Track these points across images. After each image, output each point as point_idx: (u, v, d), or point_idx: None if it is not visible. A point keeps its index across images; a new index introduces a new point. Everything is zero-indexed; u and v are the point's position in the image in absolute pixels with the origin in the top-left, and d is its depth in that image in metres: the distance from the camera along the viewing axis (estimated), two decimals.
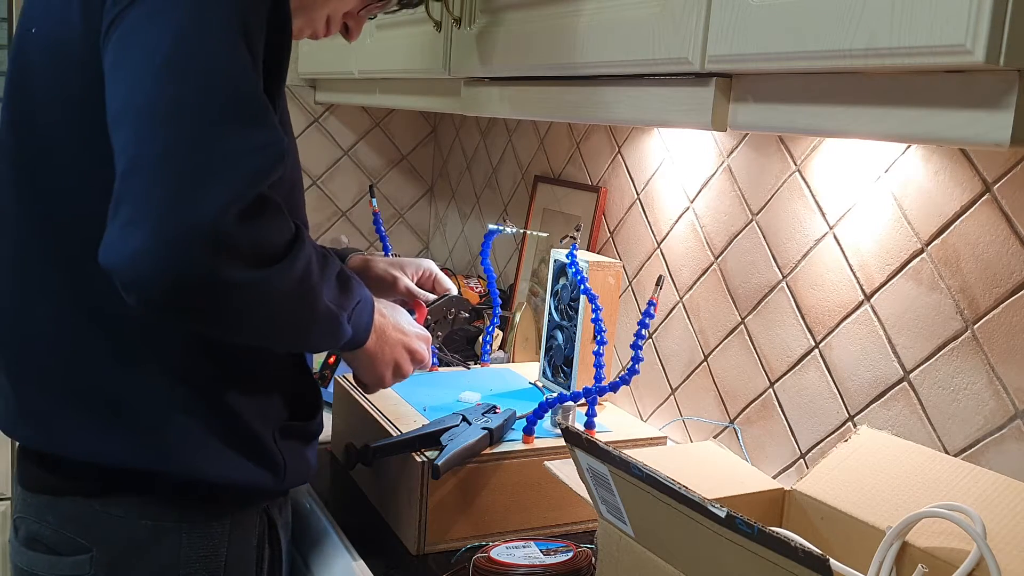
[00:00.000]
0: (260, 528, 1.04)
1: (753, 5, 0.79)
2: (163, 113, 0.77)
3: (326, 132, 2.34)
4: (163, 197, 0.75)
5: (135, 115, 0.78)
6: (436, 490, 1.11)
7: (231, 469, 0.97)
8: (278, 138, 0.82)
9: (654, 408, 1.51)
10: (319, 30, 1.09)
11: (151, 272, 0.75)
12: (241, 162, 0.78)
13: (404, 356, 1.08)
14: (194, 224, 0.74)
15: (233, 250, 0.77)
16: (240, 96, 0.80)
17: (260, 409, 0.99)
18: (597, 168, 1.68)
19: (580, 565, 1.04)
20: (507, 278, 2.02)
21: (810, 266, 1.21)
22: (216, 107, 0.78)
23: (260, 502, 1.03)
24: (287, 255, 0.82)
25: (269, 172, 0.80)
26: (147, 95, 0.78)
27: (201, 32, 0.79)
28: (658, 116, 0.96)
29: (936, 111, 0.68)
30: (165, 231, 0.75)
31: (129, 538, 0.96)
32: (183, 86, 0.78)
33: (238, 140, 0.78)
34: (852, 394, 1.16)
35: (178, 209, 0.75)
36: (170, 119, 0.77)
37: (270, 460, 1.00)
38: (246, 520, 1.02)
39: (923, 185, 1.06)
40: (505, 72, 1.23)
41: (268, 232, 0.80)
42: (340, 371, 1.59)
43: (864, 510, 0.91)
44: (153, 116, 0.77)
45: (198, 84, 0.78)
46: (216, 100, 0.79)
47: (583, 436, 0.82)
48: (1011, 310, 0.96)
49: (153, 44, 0.79)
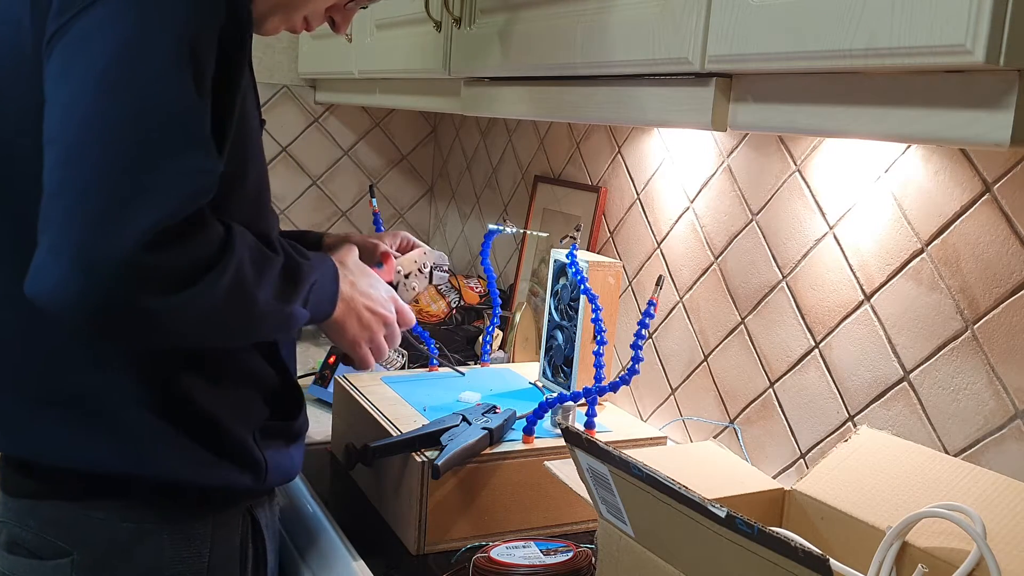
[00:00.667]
0: (244, 528, 1.03)
1: (753, 5, 0.79)
2: (95, 133, 0.76)
3: (326, 132, 2.34)
4: (83, 227, 0.75)
5: (68, 133, 0.77)
6: (436, 490, 1.11)
7: (210, 472, 0.97)
8: (211, 165, 0.80)
9: (654, 408, 1.51)
10: (296, 26, 1.07)
11: (72, 303, 0.75)
12: (167, 189, 0.77)
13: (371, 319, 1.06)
14: (110, 256, 0.74)
15: (150, 280, 0.76)
16: (176, 118, 0.79)
17: (239, 411, 0.99)
18: (597, 168, 1.68)
19: (580, 565, 1.04)
20: (507, 278, 2.02)
21: (810, 266, 1.21)
22: (149, 129, 0.77)
23: (243, 502, 1.03)
24: (210, 271, 0.80)
25: (196, 198, 0.78)
26: (82, 113, 0.77)
27: (143, 48, 0.78)
28: (658, 116, 0.96)
29: (936, 111, 0.68)
30: (83, 262, 0.74)
31: (110, 540, 0.96)
32: (118, 105, 0.77)
33: (168, 165, 0.77)
34: (852, 394, 1.16)
35: (96, 240, 0.74)
36: (100, 141, 0.76)
37: (251, 461, 0.99)
38: (229, 520, 1.02)
39: (923, 185, 1.06)
40: (505, 72, 1.23)
41: (189, 254, 0.78)
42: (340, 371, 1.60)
43: (864, 510, 0.91)
44: (84, 137, 0.76)
45: (133, 104, 0.77)
46: (150, 122, 0.77)
47: (583, 436, 0.82)
48: (1011, 310, 0.96)
49: (93, 59, 0.77)
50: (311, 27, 1.08)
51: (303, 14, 1.05)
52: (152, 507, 0.97)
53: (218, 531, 1.00)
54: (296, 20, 1.05)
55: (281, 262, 0.90)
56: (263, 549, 1.06)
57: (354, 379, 1.40)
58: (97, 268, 0.74)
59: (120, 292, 0.75)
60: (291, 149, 2.31)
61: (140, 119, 0.77)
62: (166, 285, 0.77)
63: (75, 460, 0.93)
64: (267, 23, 1.03)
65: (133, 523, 0.96)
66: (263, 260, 0.87)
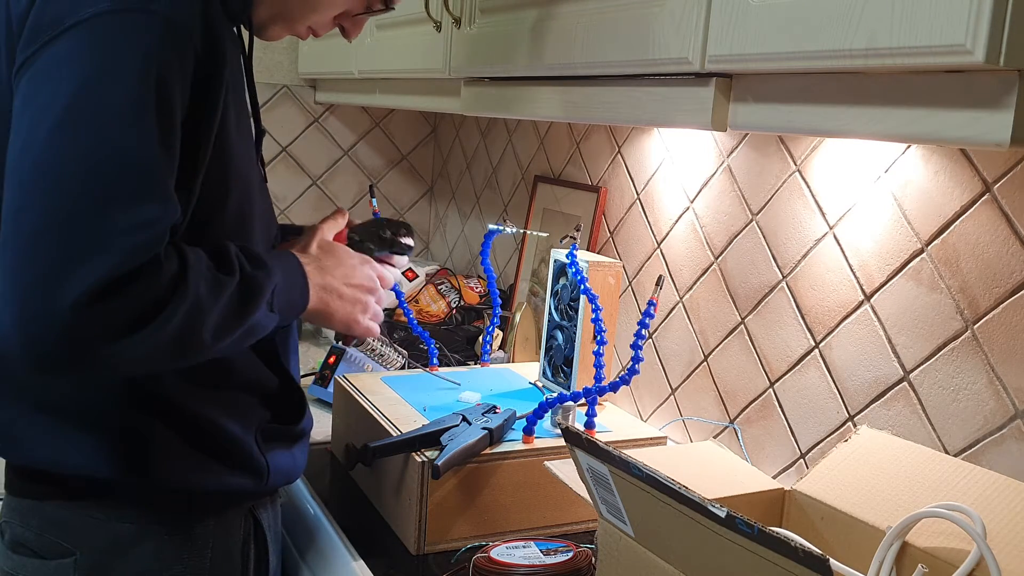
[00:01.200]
0: (245, 528, 1.03)
1: (753, 5, 0.79)
2: (46, 181, 0.76)
3: (326, 132, 2.34)
4: (25, 283, 0.75)
5: (23, 174, 0.77)
6: (436, 490, 1.11)
7: (210, 476, 0.97)
8: (164, 215, 0.80)
9: (654, 408, 1.51)
10: (301, 34, 1.06)
11: (17, 353, 0.77)
12: (113, 243, 0.76)
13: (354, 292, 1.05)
14: (50, 314, 0.74)
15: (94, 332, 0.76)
16: (130, 168, 0.78)
17: (239, 415, 0.98)
18: (597, 168, 1.68)
19: (580, 565, 1.04)
20: (507, 278, 2.02)
21: (810, 266, 1.21)
22: (101, 180, 0.77)
23: (244, 503, 1.03)
24: (160, 313, 0.79)
25: (144, 251, 0.78)
26: (35, 156, 0.76)
27: (104, 88, 0.77)
28: (658, 116, 0.96)
29: (936, 111, 0.68)
30: (25, 318, 0.75)
31: (112, 541, 0.96)
32: (71, 151, 0.76)
33: (117, 217, 0.77)
34: (852, 394, 1.16)
35: (37, 300, 0.74)
36: (53, 188, 0.76)
37: (252, 464, 0.99)
38: (230, 521, 1.02)
39: (923, 185, 1.06)
40: (505, 72, 1.23)
41: (136, 302, 0.78)
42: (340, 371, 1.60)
43: (864, 510, 0.91)
44: (36, 183, 0.76)
45: (87, 151, 0.76)
46: (103, 171, 0.77)
47: (583, 436, 0.82)
48: (1011, 310, 0.96)
49: (53, 98, 0.77)
50: (318, 34, 1.07)
51: (306, 24, 1.04)
52: (153, 508, 0.97)
53: (219, 531, 1.01)
54: (299, 29, 1.04)
55: (236, 282, 0.88)
56: (265, 549, 1.06)
57: (354, 379, 1.40)
58: (38, 324, 0.75)
59: (63, 346, 0.76)
60: (291, 149, 2.31)
61: (93, 168, 0.76)
62: (112, 333, 0.77)
63: (74, 467, 0.94)
64: (269, 30, 1.03)
65: (134, 523, 0.96)
66: (217, 286, 0.86)
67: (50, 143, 0.76)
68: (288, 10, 1.01)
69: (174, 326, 0.80)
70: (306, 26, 1.04)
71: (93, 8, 0.78)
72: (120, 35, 0.78)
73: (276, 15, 1.01)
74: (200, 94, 0.85)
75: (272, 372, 1.04)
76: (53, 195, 0.76)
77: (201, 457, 0.96)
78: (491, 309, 1.53)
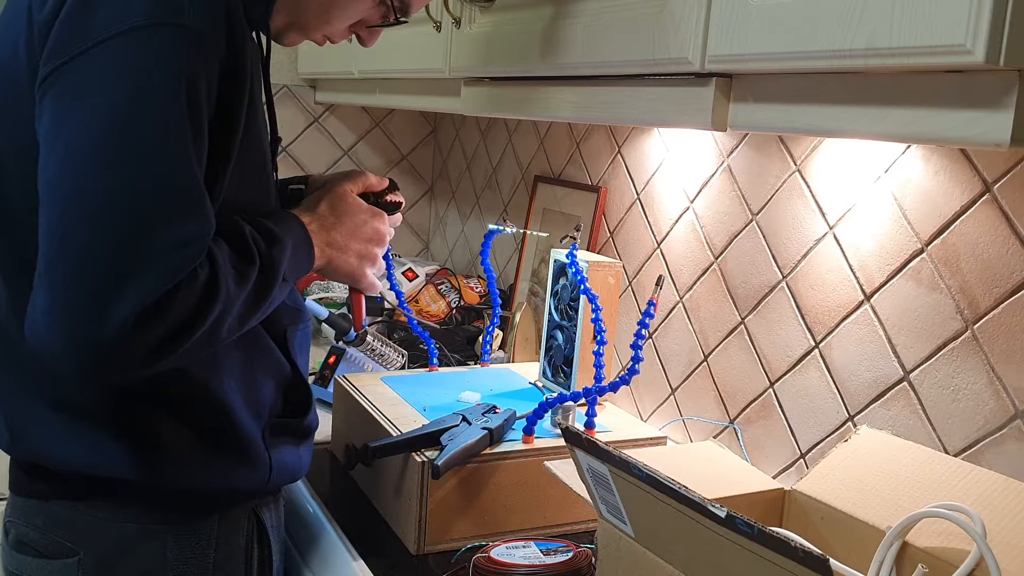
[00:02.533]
0: (249, 528, 1.04)
1: (753, 5, 0.79)
2: (91, 204, 0.77)
3: (326, 132, 2.34)
4: (77, 304, 0.77)
5: (65, 197, 0.78)
6: (436, 490, 1.11)
7: (217, 474, 0.97)
8: (202, 232, 0.82)
9: (654, 408, 1.51)
10: (318, 41, 1.06)
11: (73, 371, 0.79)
12: (156, 266, 0.78)
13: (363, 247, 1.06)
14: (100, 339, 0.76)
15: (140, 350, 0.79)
16: (171, 188, 0.79)
17: (248, 410, 0.99)
18: (597, 168, 1.68)
19: (580, 565, 1.04)
20: (507, 278, 2.02)
21: (810, 266, 1.21)
22: (144, 202, 0.78)
23: (248, 502, 1.03)
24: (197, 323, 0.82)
25: (184, 269, 0.80)
26: (79, 179, 0.77)
27: (140, 108, 0.78)
28: (658, 116, 0.96)
29: (936, 111, 0.68)
30: (77, 340, 0.77)
31: (116, 540, 0.96)
32: (113, 177, 0.77)
33: (158, 240, 0.78)
34: (852, 394, 1.16)
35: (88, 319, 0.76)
36: (97, 212, 0.77)
37: (257, 461, 1.00)
38: (234, 521, 1.02)
39: (923, 185, 1.06)
40: (505, 72, 1.23)
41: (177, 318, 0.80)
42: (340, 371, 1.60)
43: (864, 510, 0.91)
44: (81, 205, 0.77)
45: (128, 176, 0.77)
46: (145, 194, 0.78)
47: (583, 436, 0.82)
48: (1011, 310, 0.96)
49: (88, 121, 0.77)
50: (334, 42, 1.07)
51: (321, 32, 1.04)
52: (157, 507, 0.97)
53: (223, 531, 1.01)
54: (315, 36, 1.05)
55: (257, 269, 0.89)
56: (268, 550, 1.07)
57: (354, 379, 1.40)
58: (88, 346, 0.77)
59: (113, 363, 0.78)
60: (291, 149, 2.31)
61: (134, 193, 0.78)
62: (158, 347, 0.80)
63: (81, 465, 0.94)
64: (285, 37, 1.03)
65: (137, 523, 0.96)
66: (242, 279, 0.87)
67: (88, 169, 0.77)
68: (304, 18, 1.01)
69: (209, 325, 0.83)
70: (321, 34, 1.04)
71: (124, 23, 0.78)
72: (152, 52, 0.78)
73: (292, 23, 1.01)
74: (225, 101, 0.85)
75: (285, 359, 1.05)
76: (97, 222, 0.77)
77: (208, 453, 0.96)
78: (491, 309, 1.53)
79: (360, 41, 1.09)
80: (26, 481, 0.98)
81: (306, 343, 1.11)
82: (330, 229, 1.03)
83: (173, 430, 0.94)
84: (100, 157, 0.77)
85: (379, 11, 1.04)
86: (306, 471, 1.10)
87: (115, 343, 0.77)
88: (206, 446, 0.96)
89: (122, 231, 0.77)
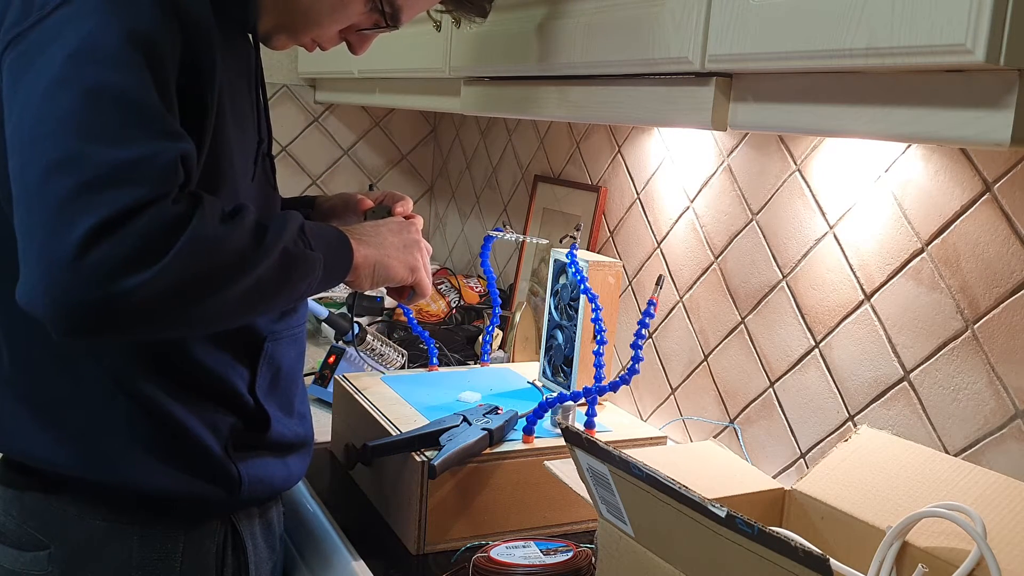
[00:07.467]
0: (220, 536, 1.01)
1: (753, 5, 0.79)
2: (44, 133, 0.76)
3: (326, 132, 2.34)
4: (39, 232, 0.74)
5: (22, 138, 0.77)
6: (436, 490, 1.11)
7: (176, 483, 0.95)
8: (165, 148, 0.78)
9: (654, 408, 1.51)
10: (306, 46, 1.05)
11: (49, 308, 0.74)
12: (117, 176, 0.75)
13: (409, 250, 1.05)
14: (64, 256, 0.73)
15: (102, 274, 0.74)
16: (128, 103, 0.77)
17: (207, 421, 0.96)
18: (597, 168, 1.68)
19: (580, 565, 1.04)
20: (507, 278, 2.02)
21: (810, 266, 1.21)
22: (99, 117, 0.76)
23: (219, 512, 1.01)
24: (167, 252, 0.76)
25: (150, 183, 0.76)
26: (33, 115, 0.77)
27: (94, 50, 0.77)
28: (658, 116, 0.96)
29: (936, 111, 0.68)
30: (45, 266, 0.74)
31: (84, 537, 0.96)
32: (67, 101, 0.76)
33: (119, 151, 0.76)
34: (852, 394, 1.16)
35: (50, 243, 0.73)
36: (49, 138, 0.75)
37: (221, 474, 0.97)
38: (204, 529, 1.00)
39: (923, 185, 1.06)
40: (505, 72, 1.23)
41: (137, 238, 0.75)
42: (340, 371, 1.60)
43: (864, 510, 0.91)
44: (35, 138, 0.76)
45: (82, 97, 0.76)
46: (99, 113, 0.76)
47: (583, 436, 0.82)
48: (1011, 310, 0.96)
49: (46, 65, 0.78)
50: (324, 47, 1.06)
51: (310, 36, 1.03)
52: (124, 507, 0.96)
53: (191, 536, 0.99)
54: (303, 40, 1.03)
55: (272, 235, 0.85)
56: (244, 560, 1.04)
57: (354, 379, 1.40)
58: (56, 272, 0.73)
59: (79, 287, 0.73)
60: (291, 149, 2.31)
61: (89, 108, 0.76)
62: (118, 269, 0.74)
63: (40, 460, 0.94)
64: (273, 40, 1.02)
65: (105, 521, 0.96)
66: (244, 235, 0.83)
67: (44, 101, 0.77)
68: (291, 21, 1.00)
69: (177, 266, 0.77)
70: (310, 38, 1.03)
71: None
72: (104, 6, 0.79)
73: (279, 26, 1.00)
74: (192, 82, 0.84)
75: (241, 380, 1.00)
76: (52, 142, 0.75)
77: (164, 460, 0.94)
78: (491, 309, 1.53)
79: (350, 48, 1.08)
80: (5, 471, 0.99)
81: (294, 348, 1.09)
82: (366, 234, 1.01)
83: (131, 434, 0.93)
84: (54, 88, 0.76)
85: (370, 17, 1.03)
86: (296, 481, 1.09)
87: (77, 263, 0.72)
88: (163, 453, 0.94)
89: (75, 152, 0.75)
